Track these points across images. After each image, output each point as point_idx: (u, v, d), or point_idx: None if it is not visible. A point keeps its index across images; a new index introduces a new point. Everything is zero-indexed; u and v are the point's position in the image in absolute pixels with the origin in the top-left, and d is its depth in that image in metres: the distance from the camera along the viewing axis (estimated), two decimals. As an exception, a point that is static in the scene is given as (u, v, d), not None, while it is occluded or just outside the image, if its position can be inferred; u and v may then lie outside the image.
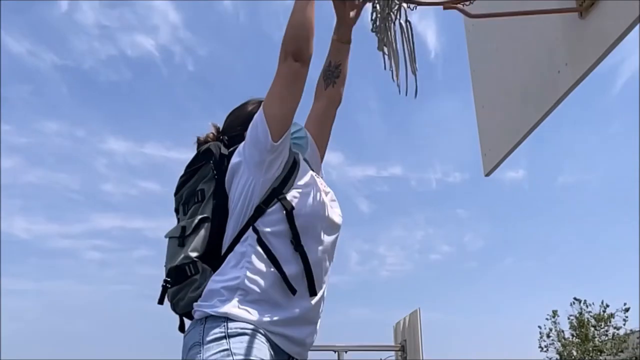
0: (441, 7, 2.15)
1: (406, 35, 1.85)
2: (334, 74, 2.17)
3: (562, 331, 26.61)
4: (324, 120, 2.21)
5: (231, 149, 2.00)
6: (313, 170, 2.03)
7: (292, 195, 1.85)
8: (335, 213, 1.96)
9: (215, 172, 1.96)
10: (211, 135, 2.11)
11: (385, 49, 1.88)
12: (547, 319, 27.20)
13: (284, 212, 1.82)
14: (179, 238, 1.88)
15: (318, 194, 1.91)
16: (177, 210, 2.03)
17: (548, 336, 26.88)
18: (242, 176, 1.89)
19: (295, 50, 1.85)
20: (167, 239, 1.95)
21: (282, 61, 1.87)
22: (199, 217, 1.88)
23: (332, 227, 1.94)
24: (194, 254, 1.84)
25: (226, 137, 2.06)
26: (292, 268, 1.80)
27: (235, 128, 2.09)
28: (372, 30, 1.97)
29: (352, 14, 2.11)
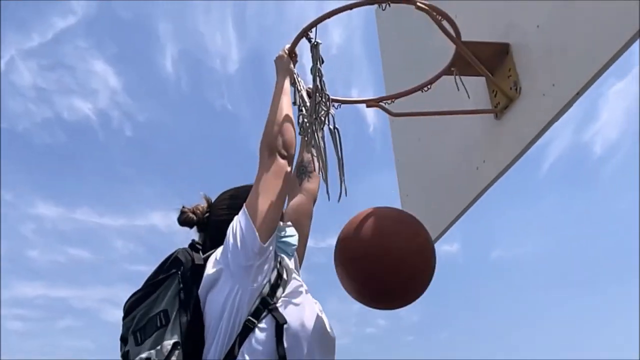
0: (364, 105, 2.20)
1: (337, 141, 1.86)
2: (307, 169, 2.10)
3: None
4: (301, 217, 2.03)
5: (205, 255, 1.75)
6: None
7: (282, 306, 1.62)
8: (330, 328, 1.72)
9: (182, 286, 1.67)
10: (200, 208, 1.89)
11: (314, 151, 1.87)
12: (476, 391, 27.24)
13: (274, 326, 1.58)
14: None
15: (311, 305, 1.69)
16: (124, 340, 1.67)
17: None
18: (222, 287, 1.63)
19: (282, 146, 1.78)
20: None
21: (267, 158, 1.76)
22: (172, 342, 1.55)
23: (329, 346, 1.69)
24: None
25: (199, 245, 1.81)
26: None
27: (221, 209, 1.88)
28: (299, 133, 1.96)
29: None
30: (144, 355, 1.55)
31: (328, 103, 1.90)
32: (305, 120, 1.89)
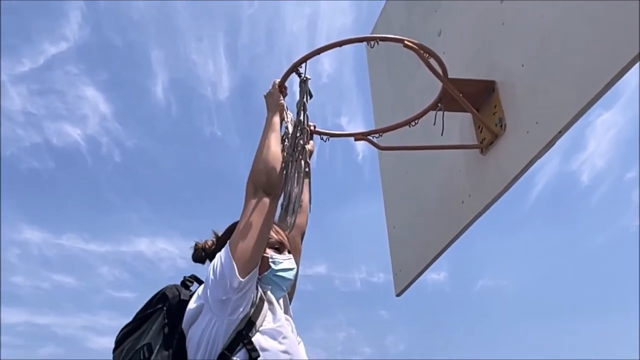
0: (352, 138, 2.24)
1: (309, 177, 1.89)
2: (294, 205, 2.08)
3: None
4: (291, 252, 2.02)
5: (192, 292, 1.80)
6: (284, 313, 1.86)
7: (258, 341, 1.65)
8: None
9: (167, 321, 1.73)
10: (209, 243, 1.94)
11: (294, 184, 1.90)
12: None
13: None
14: None
15: (289, 341, 1.71)
16: None
17: None
18: (202, 321, 1.68)
19: (266, 183, 1.81)
20: None
21: (252, 195, 1.80)
22: None
23: None
24: None
25: (192, 277, 1.87)
26: None
27: (221, 245, 1.89)
28: (282, 168, 1.99)
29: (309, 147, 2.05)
30: None
31: (306, 137, 1.93)
32: (287, 154, 1.92)
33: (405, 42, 1.95)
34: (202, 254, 1.91)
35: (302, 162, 1.87)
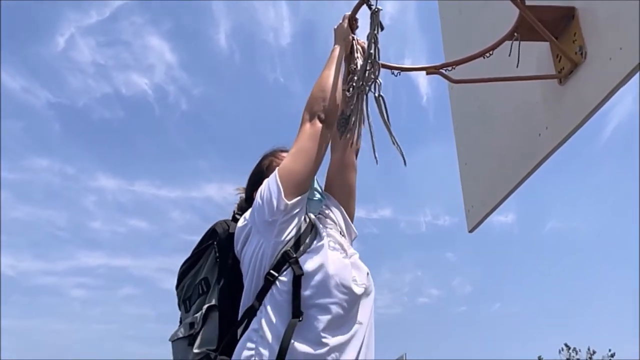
0: (424, 72, 2.20)
1: (381, 109, 1.87)
2: (348, 122, 2.07)
3: (549, 378, 26.29)
4: (346, 170, 2.08)
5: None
6: (340, 232, 1.91)
7: (303, 260, 1.69)
8: (356, 281, 1.74)
9: (218, 254, 1.82)
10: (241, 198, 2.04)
11: (353, 116, 1.90)
12: (533, 365, 26.88)
13: (292, 278, 1.65)
14: (188, 337, 1.72)
15: (336, 257, 1.73)
16: (180, 306, 1.86)
17: (535, 383, 26.53)
18: (250, 242, 1.75)
19: (323, 111, 1.83)
20: (171, 343, 1.78)
21: (307, 121, 1.83)
22: (206, 306, 1.73)
23: (351, 298, 1.69)
24: (204, 348, 1.68)
25: (241, 212, 1.92)
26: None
27: (248, 189, 2.00)
28: (345, 89, 1.97)
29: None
30: (188, 320, 1.75)
31: (377, 71, 1.91)
32: (353, 83, 1.91)
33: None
34: (243, 197, 2.02)
35: (368, 95, 1.86)
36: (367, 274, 1.82)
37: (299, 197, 1.75)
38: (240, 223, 1.81)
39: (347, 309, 1.67)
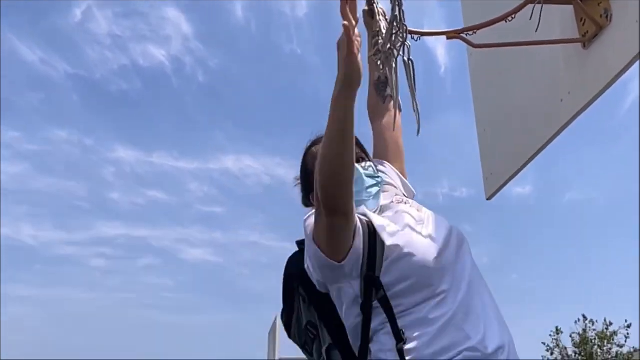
0: (445, 37, 2.17)
1: (410, 73, 1.84)
2: (387, 84, 2.02)
3: (566, 348, 26.39)
4: (392, 132, 2.03)
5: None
6: (399, 206, 1.80)
7: (385, 271, 1.58)
8: (447, 246, 1.67)
9: (306, 296, 1.77)
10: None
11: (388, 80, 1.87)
12: (550, 335, 27.00)
13: (383, 299, 1.56)
14: None
15: (418, 246, 1.63)
16: (304, 351, 1.87)
17: (552, 353, 26.66)
18: (332, 288, 1.67)
19: (330, 204, 1.54)
20: None
21: (324, 215, 1.56)
22: (324, 349, 1.72)
23: (447, 272, 1.62)
24: None
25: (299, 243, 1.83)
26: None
27: (303, 187, 1.94)
28: (373, 55, 1.94)
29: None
30: None
31: (405, 34, 1.87)
32: (380, 49, 1.87)
33: None
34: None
35: (397, 60, 1.82)
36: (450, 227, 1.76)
37: (349, 254, 1.59)
38: (309, 269, 1.70)
39: (448, 281, 1.60)
